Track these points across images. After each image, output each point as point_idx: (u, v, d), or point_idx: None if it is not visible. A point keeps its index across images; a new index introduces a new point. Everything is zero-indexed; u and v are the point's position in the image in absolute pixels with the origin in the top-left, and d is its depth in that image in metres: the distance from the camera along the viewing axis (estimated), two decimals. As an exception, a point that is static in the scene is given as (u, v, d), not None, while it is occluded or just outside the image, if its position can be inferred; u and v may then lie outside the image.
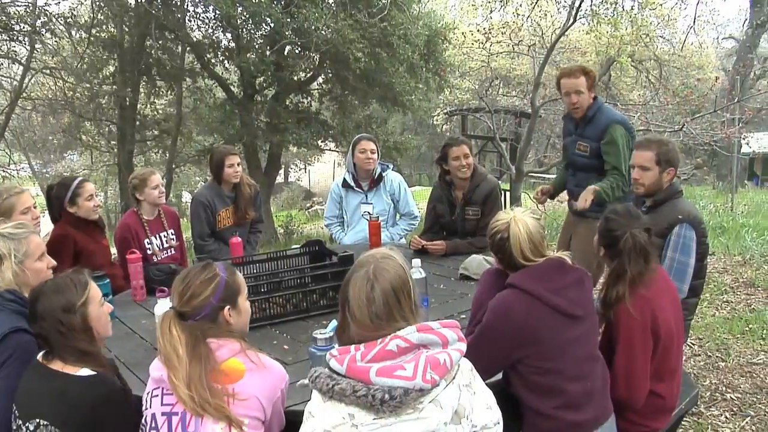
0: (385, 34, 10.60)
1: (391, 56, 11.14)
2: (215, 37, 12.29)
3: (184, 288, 1.79)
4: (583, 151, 3.82)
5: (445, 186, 3.97)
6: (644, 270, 2.28)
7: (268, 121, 12.13)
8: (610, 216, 2.39)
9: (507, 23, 11.18)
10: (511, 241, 2.12)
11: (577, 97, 3.75)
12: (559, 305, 2.04)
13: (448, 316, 2.70)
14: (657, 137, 3.14)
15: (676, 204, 2.88)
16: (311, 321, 2.75)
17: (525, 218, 2.15)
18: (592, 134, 3.75)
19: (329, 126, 13.03)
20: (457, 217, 3.89)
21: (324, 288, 2.84)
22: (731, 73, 15.28)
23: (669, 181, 2.93)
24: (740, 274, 6.16)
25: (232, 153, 4.13)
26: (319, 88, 13.64)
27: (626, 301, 2.22)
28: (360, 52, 10.32)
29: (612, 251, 2.35)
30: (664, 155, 2.90)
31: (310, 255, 3.22)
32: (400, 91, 11.61)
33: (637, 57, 16.34)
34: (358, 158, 4.24)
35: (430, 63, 12.30)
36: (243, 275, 2.88)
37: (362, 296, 1.55)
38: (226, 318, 1.81)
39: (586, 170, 3.84)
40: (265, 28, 11.28)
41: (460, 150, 3.82)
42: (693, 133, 8.85)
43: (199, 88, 12.70)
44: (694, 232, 2.78)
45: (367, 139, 4.27)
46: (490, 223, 2.23)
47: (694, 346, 4.46)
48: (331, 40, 10.04)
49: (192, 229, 4.16)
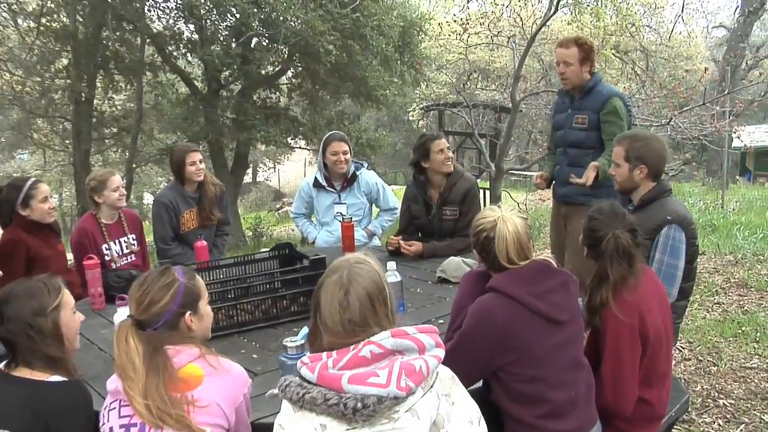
0: (358, 25, 10.61)
1: (364, 49, 11.15)
2: (177, 29, 12.18)
3: (141, 295, 1.79)
4: (581, 124, 3.84)
5: (419, 185, 3.97)
6: (628, 273, 2.29)
7: (235, 118, 12.05)
8: (593, 215, 2.40)
9: (485, 13, 11.23)
10: (497, 241, 2.11)
11: (566, 68, 3.78)
12: (542, 310, 2.04)
13: (426, 321, 2.71)
14: (634, 133, 3.17)
15: (665, 203, 2.88)
16: (281, 328, 2.74)
17: (513, 218, 2.15)
18: (591, 105, 3.79)
19: (299, 122, 12.99)
20: (433, 217, 3.91)
21: (295, 293, 2.83)
22: (721, 64, 15.35)
23: (642, 179, 2.93)
24: (732, 274, 6.20)
25: (193, 150, 4.10)
26: (289, 82, 13.60)
27: (611, 306, 2.23)
28: (331, 44, 10.31)
29: (595, 252, 2.36)
30: (634, 151, 2.91)
31: (280, 259, 3.21)
32: (374, 85, 11.62)
33: (623, 48, 16.47)
34: (330, 160, 4.22)
35: (405, 56, 12.34)
36: (209, 281, 2.88)
37: (335, 303, 1.54)
38: (188, 324, 1.82)
39: (581, 146, 3.85)
40: (231, 18, 11.20)
41: (442, 143, 3.85)
42: (681, 127, 8.83)
43: (160, 82, 12.56)
44: (683, 233, 2.78)
45: (338, 139, 4.23)
46: (475, 219, 2.22)
47: (684, 350, 4.46)
48: (301, 31, 10.02)
49: (154, 233, 4.12)
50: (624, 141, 2.97)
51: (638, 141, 2.94)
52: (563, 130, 3.95)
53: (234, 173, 13.49)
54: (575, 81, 3.82)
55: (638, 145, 2.91)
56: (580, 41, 3.79)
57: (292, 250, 3.22)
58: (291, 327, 2.72)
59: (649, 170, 2.91)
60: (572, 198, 3.90)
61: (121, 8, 10.92)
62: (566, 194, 3.96)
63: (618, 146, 2.98)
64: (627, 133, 3.12)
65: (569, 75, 3.80)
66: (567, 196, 3.96)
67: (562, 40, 3.90)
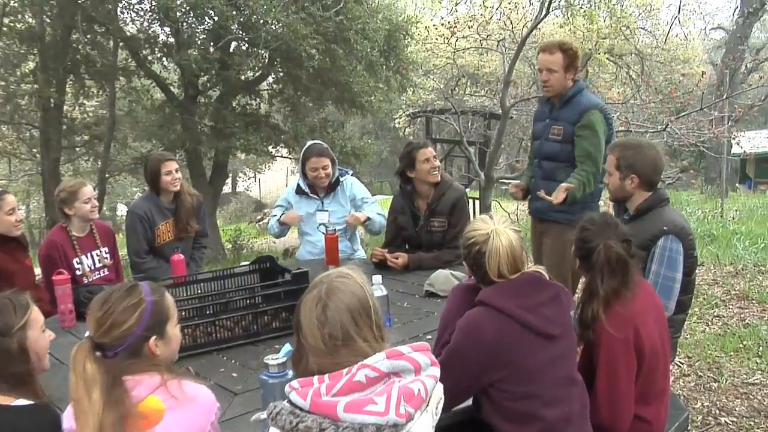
0: (341, 28, 10.65)
1: (348, 53, 11.18)
2: (152, 32, 12.13)
3: (103, 315, 1.70)
4: (556, 135, 3.76)
5: (407, 195, 3.99)
6: (622, 285, 2.30)
7: (213, 125, 12.01)
8: (585, 225, 2.42)
9: (474, 16, 11.33)
10: (489, 256, 2.12)
11: (549, 75, 3.69)
12: (533, 324, 2.05)
13: (413, 336, 2.72)
14: (626, 140, 3.16)
15: (661, 213, 2.88)
16: (262, 345, 2.73)
17: (507, 231, 2.15)
18: (568, 116, 3.70)
19: (281, 130, 12.98)
20: (421, 229, 3.93)
21: (276, 309, 2.83)
22: (720, 67, 15.35)
23: (635, 188, 2.93)
24: (732, 285, 6.21)
25: (168, 158, 4.10)
26: (269, 88, 13.60)
27: (603, 320, 2.24)
28: (313, 48, 10.32)
29: (586, 264, 2.38)
30: (625, 160, 2.91)
31: (261, 272, 3.21)
32: (358, 91, 11.65)
33: (617, 51, 16.59)
34: (309, 176, 4.21)
35: (390, 60, 12.39)
36: (186, 296, 2.88)
37: (313, 319, 1.54)
38: (152, 349, 1.73)
39: (555, 159, 3.79)
40: (208, 21, 11.19)
41: (429, 151, 3.85)
42: (678, 134, 8.87)
43: (134, 88, 12.50)
44: (680, 244, 2.79)
45: (317, 154, 4.17)
46: (466, 231, 2.22)
47: (683, 365, 4.46)
48: (282, 35, 10.02)
49: (128, 246, 4.10)
50: (615, 149, 2.99)
51: (630, 149, 2.94)
52: (540, 140, 3.90)
53: (212, 183, 13.44)
54: (558, 89, 3.74)
55: (629, 154, 2.91)
56: (565, 46, 3.71)
57: (274, 263, 3.22)
58: (272, 344, 2.71)
59: (641, 180, 2.91)
60: (546, 214, 3.83)
61: (91, 9, 10.87)
62: (540, 210, 3.90)
63: (610, 154, 3.00)
64: (619, 141, 3.14)
65: (553, 83, 3.71)
66: (541, 211, 3.90)
67: (545, 44, 3.81)
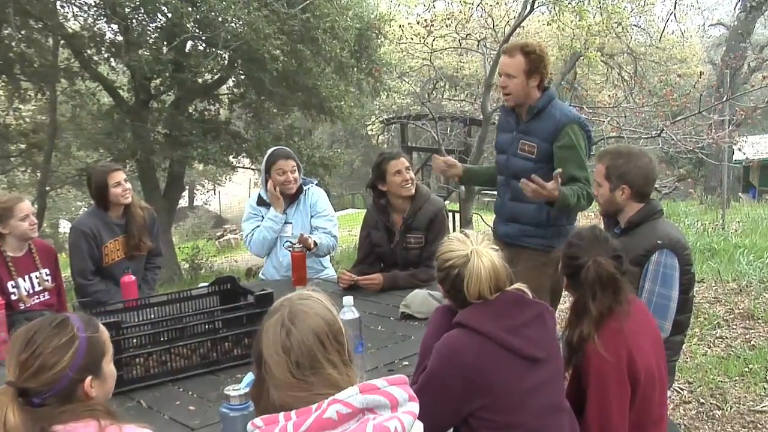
0: (308, 27, 10.67)
1: (315, 54, 11.21)
2: (97, 29, 12.01)
3: (29, 357, 1.60)
4: (527, 153, 3.61)
5: (380, 209, 4.01)
6: (613, 304, 2.32)
7: (167, 133, 11.94)
8: (572, 240, 2.45)
9: (452, 13, 11.41)
10: (470, 279, 2.13)
11: (507, 80, 3.55)
12: (516, 346, 2.07)
13: (388, 363, 2.73)
14: (615, 148, 3.16)
15: (655, 226, 2.90)
16: (223, 375, 2.72)
17: (488, 251, 2.17)
18: (542, 131, 3.55)
19: (242, 138, 12.95)
20: (396, 245, 3.95)
21: (238, 334, 2.82)
22: (720, 67, 15.40)
23: (626, 200, 2.95)
24: (735, 304, 6.24)
25: (115, 169, 4.07)
26: (230, 92, 13.56)
27: (594, 341, 2.26)
28: (278, 49, 10.33)
29: (574, 282, 2.40)
30: (615, 170, 2.93)
31: (221, 295, 3.20)
32: (327, 95, 11.67)
33: (608, 50, 16.72)
34: (277, 181, 4.20)
35: (362, 62, 12.44)
36: (138, 321, 2.86)
37: (277, 346, 1.54)
38: (87, 391, 1.65)
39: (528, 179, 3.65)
40: (161, 19, 11.15)
41: (400, 163, 3.86)
42: (674, 139, 8.86)
43: (78, 91, 12.38)
44: (676, 259, 2.81)
45: (284, 157, 4.21)
46: (441, 251, 2.23)
47: (683, 391, 4.47)
48: (243, 34, 10.02)
49: (72, 267, 4.06)
50: (605, 157, 3.01)
51: (620, 158, 2.95)
52: (506, 155, 3.74)
53: (167, 196, 13.33)
54: (520, 97, 3.59)
55: (620, 163, 2.93)
56: (527, 48, 3.54)
57: (235, 284, 3.21)
58: (234, 373, 2.70)
59: (633, 191, 2.93)
60: (517, 240, 3.69)
61: (26, 2, 10.71)
62: (509, 234, 3.74)
63: (599, 163, 3.01)
64: (609, 149, 3.15)
65: (512, 89, 3.56)
66: (510, 236, 3.73)
67: (506, 46, 3.70)
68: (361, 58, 12.41)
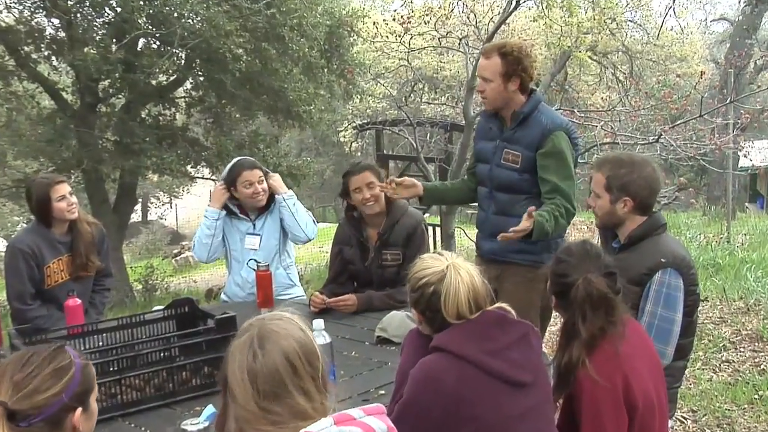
0: (273, 24, 10.69)
1: (281, 53, 11.23)
2: (36, 23, 11.89)
3: (24, 378, 1.66)
4: (512, 163, 3.65)
5: (353, 223, 4.03)
6: (607, 325, 2.33)
7: (117, 140, 11.87)
8: (561, 256, 2.47)
9: (431, 9, 11.48)
10: (446, 296, 2.14)
11: (484, 84, 3.61)
12: (499, 370, 2.08)
13: (363, 393, 2.73)
14: (616, 156, 3.16)
15: (658, 242, 2.91)
16: (180, 408, 2.71)
17: (467, 266, 2.18)
18: (527, 139, 3.60)
19: (201, 146, 12.91)
20: (371, 263, 3.96)
21: (197, 362, 2.82)
22: (723, 66, 15.30)
23: (628, 213, 2.95)
24: (743, 324, 6.26)
25: (59, 181, 4.03)
26: (187, 95, 13.52)
27: (586, 366, 2.27)
28: (240, 48, 10.34)
29: (563, 302, 2.42)
30: (616, 180, 2.93)
31: (178, 319, 3.19)
32: (295, 99, 11.67)
33: (601, 49, 16.80)
34: (244, 194, 4.21)
35: (333, 62, 12.48)
36: (85, 349, 2.83)
37: (244, 372, 1.54)
38: (75, 423, 1.71)
39: (513, 190, 3.71)
40: (109, 13, 11.10)
41: (361, 179, 3.84)
42: (674, 145, 8.87)
43: (14, 93, 12.24)
44: (681, 279, 2.82)
45: (249, 167, 4.21)
46: (415, 271, 2.25)
47: (687, 420, 4.47)
48: (201, 31, 10.01)
49: (8, 289, 4.02)
50: (605, 166, 3.00)
51: (622, 167, 2.95)
52: (488, 165, 3.79)
53: (117, 211, 13.24)
54: (497, 102, 3.66)
55: (622, 172, 2.93)
56: (505, 49, 3.57)
57: (194, 307, 3.21)
58: (192, 405, 2.69)
59: (636, 203, 2.93)
60: (504, 255, 3.71)
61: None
62: (494, 250, 3.75)
63: (597, 173, 3.01)
64: (609, 157, 3.15)
65: (488, 94, 3.62)
66: (495, 252, 3.75)
67: (484, 47, 3.76)
68: (332, 58, 12.45)
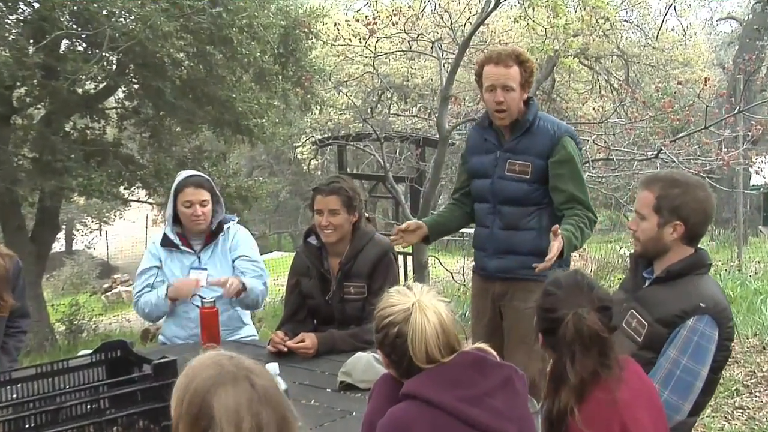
0: (220, 24, 10.69)
1: (229, 58, 11.23)
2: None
3: None
4: (520, 173, 3.83)
5: (313, 252, 4.03)
6: (600, 367, 2.34)
7: (36, 157, 11.75)
8: (549, 288, 2.48)
9: (400, 9, 11.56)
10: (413, 338, 2.15)
11: (505, 94, 3.74)
12: (479, 420, 2.08)
13: (324, 447, 2.73)
14: (671, 175, 3.15)
15: (699, 283, 2.91)
16: (110, 469, 2.67)
17: (434, 302, 2.20)
18: (535, 148, 3.80)
19: (136, 164, 12.84)
20: (332, 296, 3.96)
21: (130, 415, 2.78)
22: (731, 71, 15.42)
23: (676, 240, 2.95)
24: (758, 365, 6.29)
25: None
26: (119, 106, 13.45)
27: (575, 416, 2.28)
28: (181, 51, 10.33)
29: (550, 340, 2.43)
30: (668, 200, 2.92)
31: (109, 365, 3.15)
32: (245, 110, 11.67)
33: (593, 53, 17.00)
34: (184, 214, 4.21)
35: (288, 68, 12.51)
36: (-3, 402, 2.78)
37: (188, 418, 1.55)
38: None
39: (522, 203, 3.86)
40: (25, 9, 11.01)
41: (325, 202, 3.85)
42: (675, 161, 8.82)
43: None
44: (717, 330, 2.80)
45: (194, 184, 4.22)
46: (379, 308, 2.26)
47: None
48: (135, 32, 9.96)
49: None
50: (655, 184, 2.99)
51: (676, 186, 2.95)
52: (490, 179, 3.94)
53: (36, 239, 13.08)
54: (515, 114, 3.83)
55: (676, 193, 2.92)
56: (522, 57, 3.79)
57: (127, 351, 3.17)
58: (124, 466, 2.66)
59: (688, 229, 2.93)
60: (513, 273, 3.89)
61: None
62: (504, 268, 3.93)
63: (645, 190, 3.00)
64: (659, 174, 3.18)
65: (510, 104, 3.78)
66: (505, 270, 3.93)
67: (496, 54, 3.82)
68: (287, 64, 12.48)
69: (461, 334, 2.24)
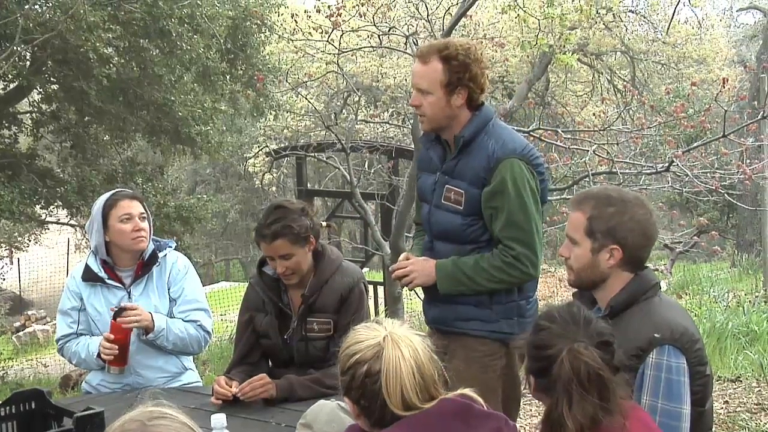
0: (156, 15, 10.70)
1: (167, 54, 11.25)
2: None
3: None
4: (453, 203, 3.65)
5: (269, 283, 4.00)
6: (600, 413, 2.33)
7: (-66, 172, 11.70)
8: (541, 323, 2.48)
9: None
10: (386, 377, 2.16)
11: (420, 97, 3.61)
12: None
13: None
14: (603, 191, 3.11)
15: (649, 310, 2.88)
16: None
17: (409, 336, 2.21)
18: (471, 171, 3.60)
19: (56, 179, 12.79)
20: (292, 335, 3.94)
21: (49, 478, 2.78)
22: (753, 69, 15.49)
23: (614, 267, 2.94)
24: None
25: None
26: (35, 110, 13.42)
27: None
28: (110, 46, 10.32)
29: (544, 381, 2.43)
30: (600, 222, 2.91)
31: (21, 419, 3.14)
32: (186, 116, 11.68)
33: (593, 48, 17.14)
34: (121, 233, 4.14)
35: (238, 66, 12.55)
36: None
37: None
38: None
39: (456, 240, 3.70)
40: None
41: (271, 249, 3.79)
42: (690, 175, 8.75)
43: None
44: (683, 357, 2.78)
45: (128, 197, 4.21)
46: (344, 344, 2.27)
47: None
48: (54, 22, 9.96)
49: None
50: (586, 203, 2.98)
51: (611, 204, 2.93)
52: (429, 206, 3.82)
53: (-64, 269, 13.01)
54: (438, 121, 3.66)
55: (610, 212, 2.92)
56: (447, 51, 3.53)
57: (44, 402, 3.16)
58: None
59: (626, 254, 2.93)
60: (449, 324, 3.75)
61: None
62: (440, 318, 3.82)
63: (576, 211, 3.00)
64: (591, 192, 3.16)
65: (426, 111, 3.61)
66: (441, 321, 3.81)
67: (420, 48, 3.75)
68: (237, 61, 12.52)
69: (440, 375, 2.22)
